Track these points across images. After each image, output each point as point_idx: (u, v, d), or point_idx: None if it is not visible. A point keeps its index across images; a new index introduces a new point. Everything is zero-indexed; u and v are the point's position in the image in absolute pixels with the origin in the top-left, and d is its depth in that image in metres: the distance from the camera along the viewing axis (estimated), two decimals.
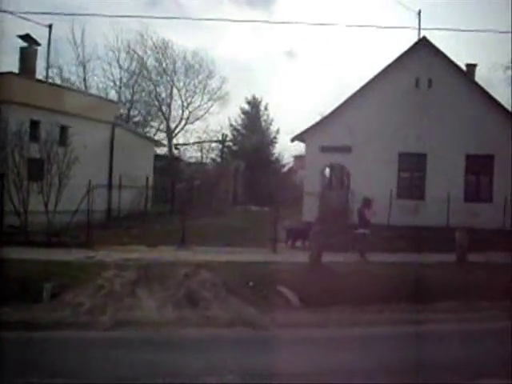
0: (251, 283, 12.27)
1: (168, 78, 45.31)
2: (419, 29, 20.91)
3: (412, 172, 21.32)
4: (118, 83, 32.26)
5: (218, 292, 11.53)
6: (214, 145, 39.61)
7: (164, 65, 45.08)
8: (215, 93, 43.80)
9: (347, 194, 21.28)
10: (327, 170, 22.24)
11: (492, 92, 21.61)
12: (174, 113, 45.00)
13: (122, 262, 13.84)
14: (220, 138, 37.65)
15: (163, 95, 45.06)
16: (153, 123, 44.77)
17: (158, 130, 44.90)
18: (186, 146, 45.16)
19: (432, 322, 10.45)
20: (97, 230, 19.07)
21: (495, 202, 20.12)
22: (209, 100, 44.26)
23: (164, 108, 45.21)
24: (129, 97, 33.24)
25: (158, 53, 44.91)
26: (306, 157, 22.00)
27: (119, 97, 32.43)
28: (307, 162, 21.94)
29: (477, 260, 15.37)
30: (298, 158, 34.59)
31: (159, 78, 45.14)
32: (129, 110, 32.75)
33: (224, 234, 19.28)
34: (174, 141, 45.42)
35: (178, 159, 39.95)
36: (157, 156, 41.53)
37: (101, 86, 33.40)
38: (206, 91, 44.26)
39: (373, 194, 20.23)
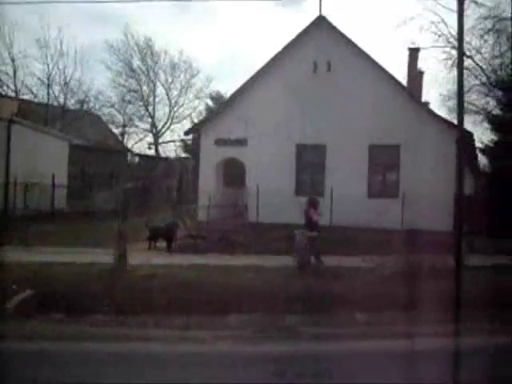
0: (14, 286, 10.99)
1: (153, 77, 45.44)
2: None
3: (311, 165, 19.27)
4: (46, 81, 31.45)
5: None
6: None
7: (149, 62, 45.20)
8: (201, 90, 43.42)
9: (243, 190, 19.51)
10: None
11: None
12: (160, 112, 44.77)
13: None
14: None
15: (148, 94, 45.16)
16: (138, 123, 44.84)
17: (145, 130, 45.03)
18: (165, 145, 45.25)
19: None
20: None
21: (402, 197, 17.87)
22: (196, 98, 43.91)
23: (150, 108, 45.29)
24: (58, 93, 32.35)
25: (141, 52, 45.11)
26: (201, 151, 20.37)
27: (48, 95, 31.69)
28: (202, 156, 20.27)
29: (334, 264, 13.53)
30: None
31: (144, 77, 45.36)
32: (63, 108, 31.81)
33: (96, 235, 18.00)
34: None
35: (147, 157, 39.61)
36: (139, 155, 41.70)
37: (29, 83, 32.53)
38: (192, 90, 43.94)
39: (270, 190, 18.70)
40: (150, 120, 45.42)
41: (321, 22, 18.72)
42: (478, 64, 19.60)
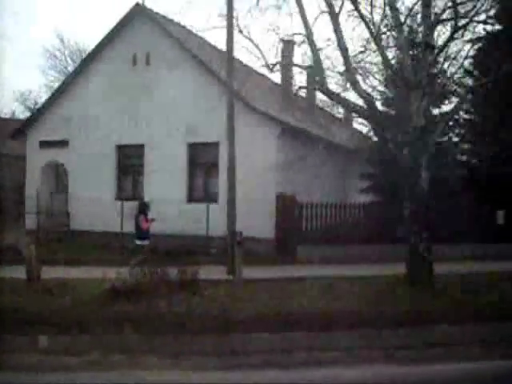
0: None
1: None
2: None
3: (131, 167, 17.64)
4: None
5: None
6: None
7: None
8: None
9: (66, 196, 18.01)
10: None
11: None
12: None
13: None
14: None
15: None
16: None
17: None
18: None
19: None
20: None
21: (221, 202, 16.06)
22: None
23: None
24: None
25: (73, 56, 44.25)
26: (27, 154, 18.95)
27: None
28: (28, 159, 18.83)
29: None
30: None
31: None
32: None
33: None
34: None
35: None
36: None
37: None
38: None
39: (91, 196, 17.21)
40: None
41: (140, 11, 17.15)
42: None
